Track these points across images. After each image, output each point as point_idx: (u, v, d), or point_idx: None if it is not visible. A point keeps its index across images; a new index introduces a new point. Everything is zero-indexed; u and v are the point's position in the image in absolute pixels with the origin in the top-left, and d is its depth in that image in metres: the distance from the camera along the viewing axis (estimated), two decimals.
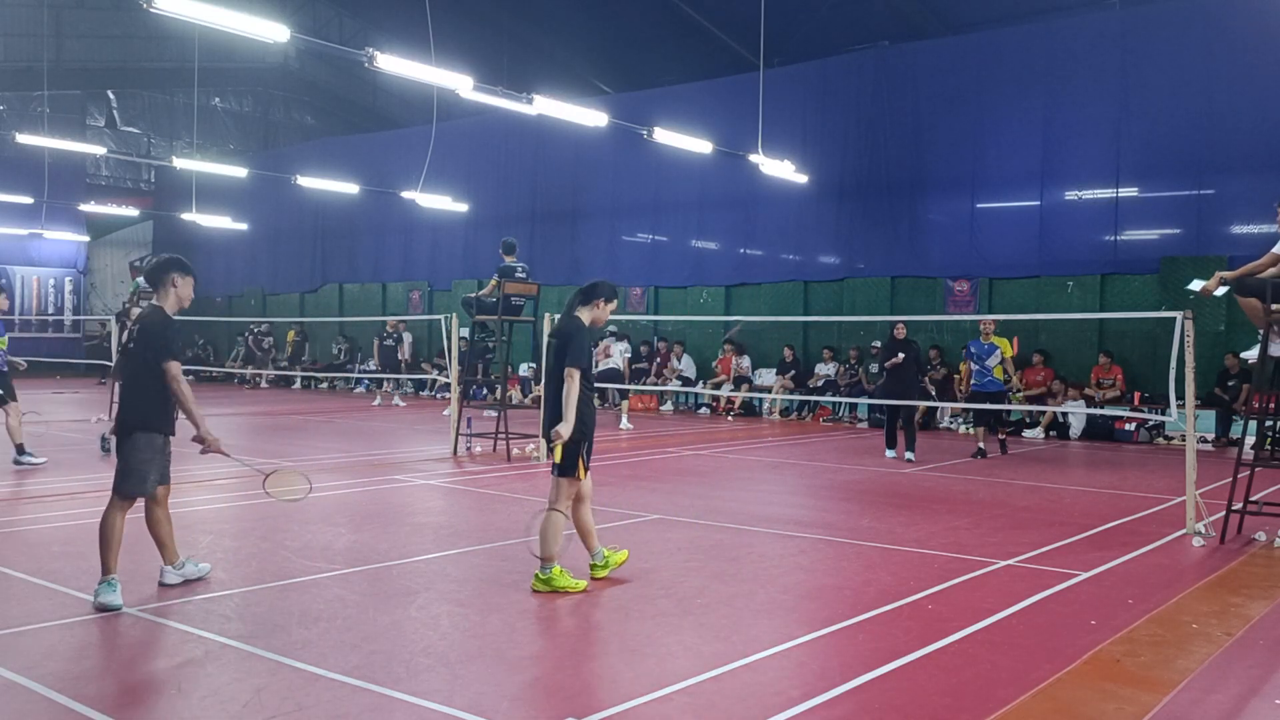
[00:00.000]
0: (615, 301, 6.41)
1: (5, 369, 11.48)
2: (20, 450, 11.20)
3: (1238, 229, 16.08)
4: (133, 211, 33.04)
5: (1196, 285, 8.32)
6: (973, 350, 13.42)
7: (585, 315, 6.24)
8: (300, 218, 30.50)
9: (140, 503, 5.91)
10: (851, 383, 19.08)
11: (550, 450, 5.99)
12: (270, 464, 11.63)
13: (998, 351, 13.08)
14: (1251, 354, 8.22)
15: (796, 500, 9.91)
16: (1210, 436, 15.32)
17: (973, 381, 13.37)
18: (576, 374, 5.98)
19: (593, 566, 6.35)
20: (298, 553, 6.94)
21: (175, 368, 5.62)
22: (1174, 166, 16.62)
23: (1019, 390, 15.84)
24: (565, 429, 5.88)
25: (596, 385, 7.02)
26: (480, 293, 13.07)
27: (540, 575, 6.01)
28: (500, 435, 12.64)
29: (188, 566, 6.08)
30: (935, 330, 18.58)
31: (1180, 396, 8.33)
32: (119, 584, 5.55)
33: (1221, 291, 8.35)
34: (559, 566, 6.03)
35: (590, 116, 14.49)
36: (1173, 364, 8.39)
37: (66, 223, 30.59)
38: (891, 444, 12.74)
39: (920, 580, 6.36)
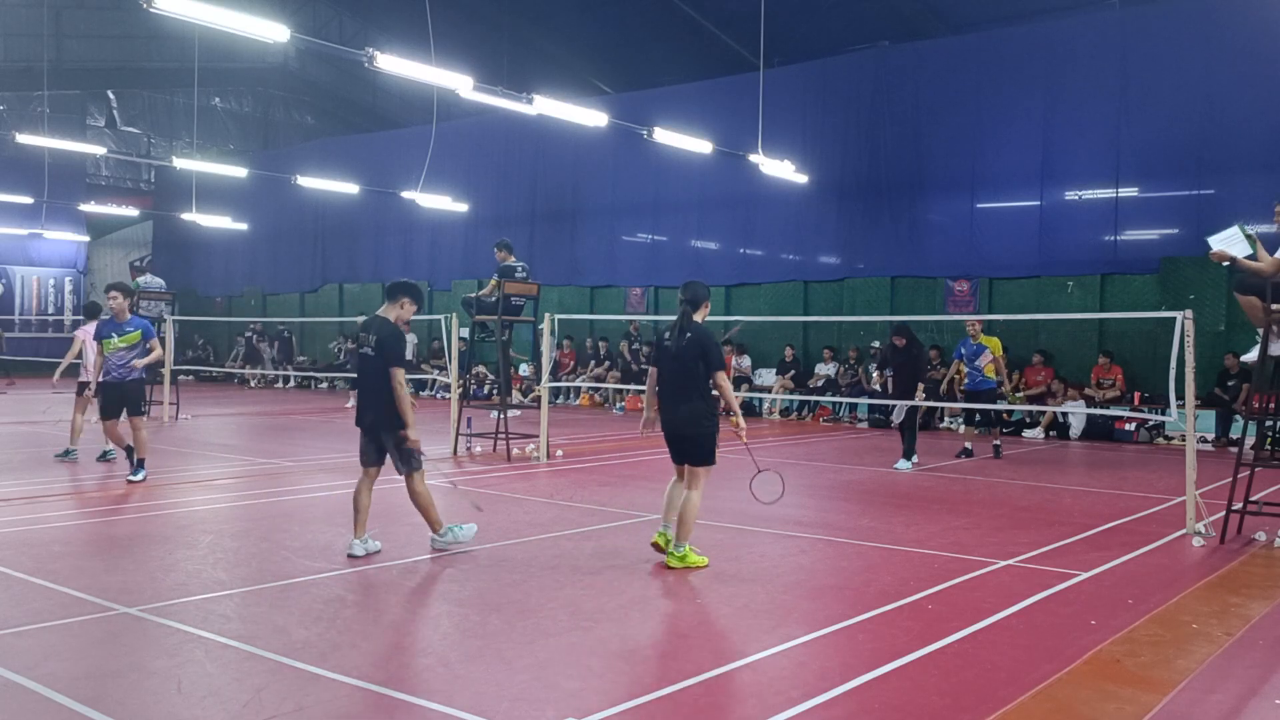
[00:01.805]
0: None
1: (117, 376, 10.20)
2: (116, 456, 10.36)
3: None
4: (133, 211, 33.00)
5: (1216, 243, 8.13)
6: (963, 351, 13.46)
7: (699, 318, 6.84)
8: (300, 218, 30.48)
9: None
10: (851, 383, 19.08)
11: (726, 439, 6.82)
12: (272, 464, 11.64)
13: (986, 351, 13.10)
14: (1251, 356, 8.21)
15: (797, 500, 9.90)
16: (1210, 436, 15.32)
17: (966, 382, 13.42)
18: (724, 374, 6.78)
19: (669, 553, 6.66)
20: (298, 553, 6.94)
21: (400, 374, 6.80)
22: (1174, 166, 16.62)
23: (1012, 391, 15.73)
24: (742, 419, 6.82)
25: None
26: (480, 293, 13.06)
27: (675, 553, 6.61)
28: (500, 435, 12.64)
29: (456, 531, 7.08)
30: (935, 330, 18.58)
31: (1180, 396, 8.32)
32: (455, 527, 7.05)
33: (1239, 255, 8.12)
34: (690, 545, 6.68)
35: (590, 116, 14.49)
36: (1173, 364, 8.37)
37: (66, 223, 30.56)
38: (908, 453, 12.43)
39: (920, 580, 6.36)
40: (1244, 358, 9.05)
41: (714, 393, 6.83)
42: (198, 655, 4.72)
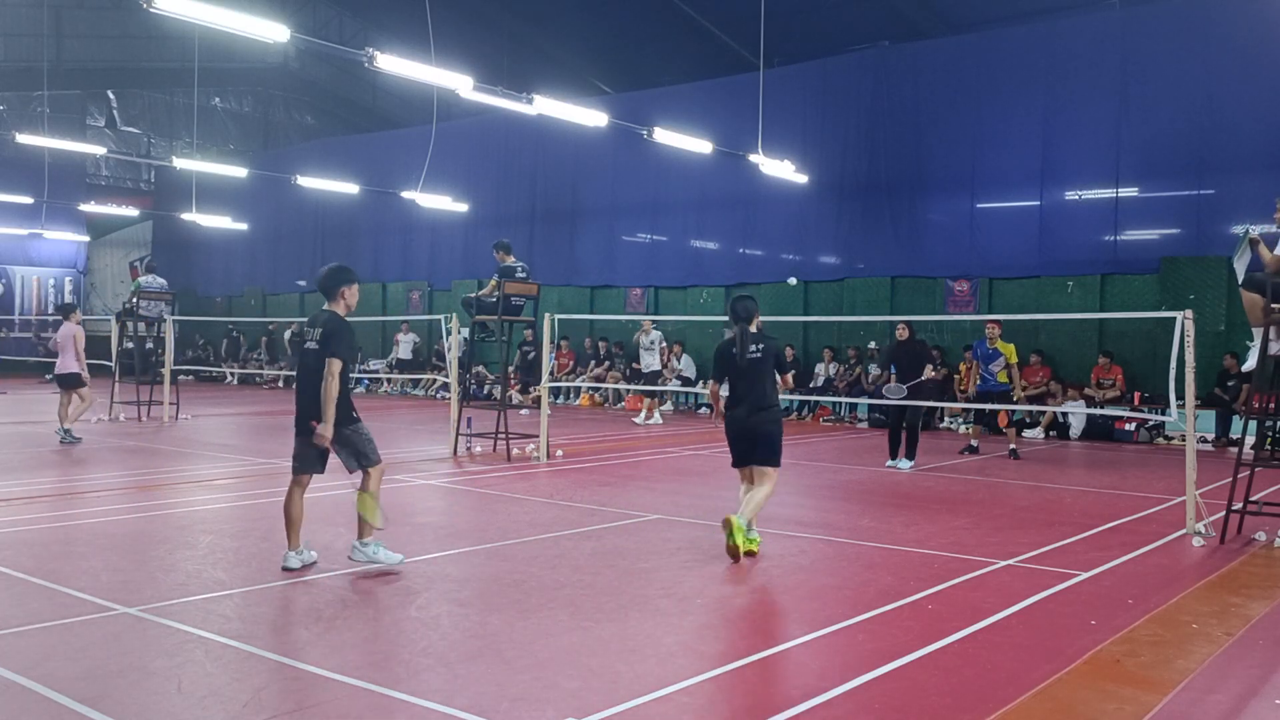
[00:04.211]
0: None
1: None
2: None
3: (1238, 229, 16.07)
4: (133, 211, 32.99)
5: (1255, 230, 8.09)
6: (978, 352, 13.50)
7: (754, 329, 7.56)
8: (300, 218, 30.49)
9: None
10: (851, 383, 19.08)
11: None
12: (272, 464, 11.63)
13: (1001, 358, 13.11)
14: (1251, 363, 8.19)
15: (796, 500, 9.90)
16: (1210, 436, 15.32)
17: (977, 384, 13.45)
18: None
19: (748, 539, 7.05)
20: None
21: (336, 365, 6.39)
22: (1174, 166, 16.62)
23: (1021, 394, 15.67)
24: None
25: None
26: (480, 293, 13.06)
27: (751, 537, 7.03)
28: (500, 435, 12.64)
29: (305, 553, 6.57)
30: (935, 330, 18.58)
31: (1180, 396, 8.32)
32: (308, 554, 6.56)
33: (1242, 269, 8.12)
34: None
35: (590, 116, 14.48)
36: (1173, 364, 8.37)
37: (66, 223, 30.55)
38: (895, 453, 12.41)
39: (920, 580, 6.36)
40: (1244, 367, 9.04)
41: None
42: (198, 655, 4.72)
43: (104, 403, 17.15)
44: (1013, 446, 13.57)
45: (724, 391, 7.74)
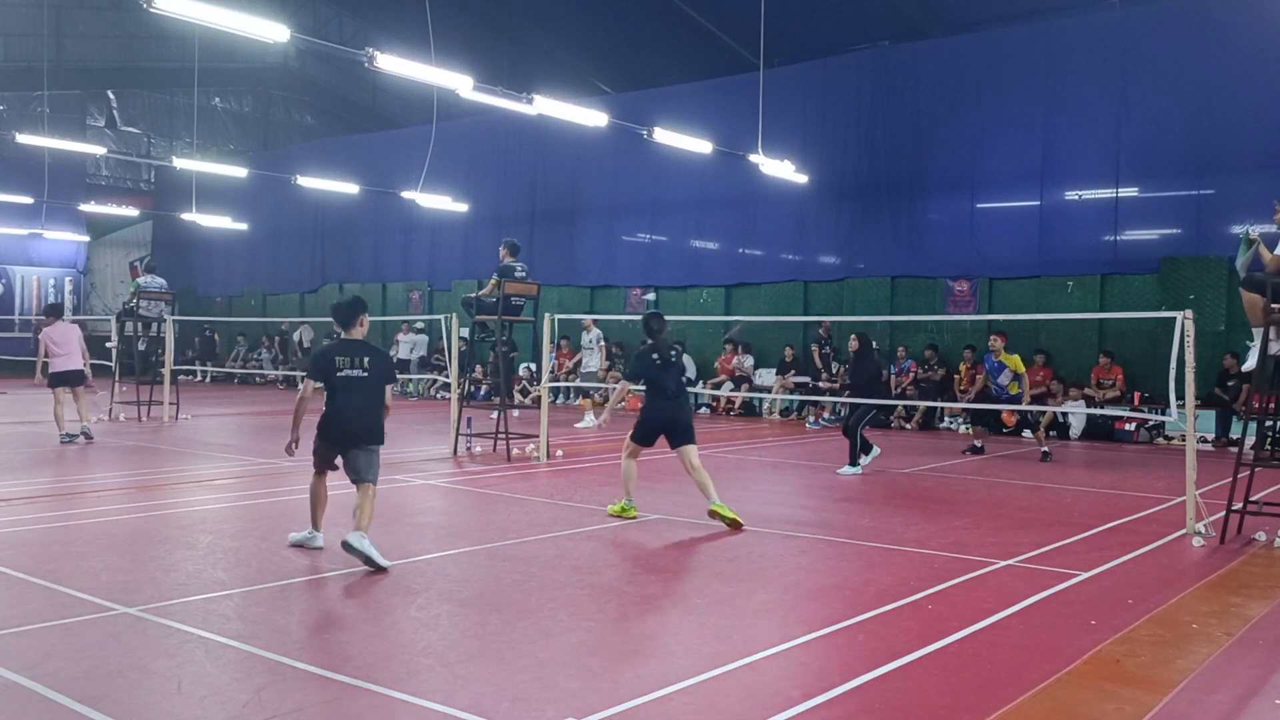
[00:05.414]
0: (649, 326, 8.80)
1: None
2: None
3: (1238, 229, 16.04)
4: (133, 211, 32.97)
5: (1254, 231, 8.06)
6: (987, 366, 13.48)
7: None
8: (300, 218, 30.48)
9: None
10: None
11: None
12: (272, 464, 11.63)
13: (1007, 370, 13.07)
14: (1251, 363, 8.19)
15: (796, 500, 9.91)
16: (1210, 436, 15.32)
17: (992, 392, 13.39)
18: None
19: (721, 507, 8.08)
20: (297, 553, 6.95)
21: (390, 391, 7.30)
22: (1174, 166, 16.61)
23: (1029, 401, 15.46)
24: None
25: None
26: (480, 293, 13.06)
27: (719, 505, 8.07)
28: (500, 435, 12.64)
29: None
30: (935, 330, 18.59)
31: (1180, 396, 8.32)
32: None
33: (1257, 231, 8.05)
34: (625, 503, 8.50)
35: (590, 116, 14.48)
36: (1173, 364, 8.37)
37: (66, 223, 30.54)
38: (865, 450, 12.00)
39: (920, 580, 6.36)
40: (1244, 367, 9.03)
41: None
42: (198, 655, 4.72)
43: (103, 399, 17.15)
44: (1045, 449, 13.50)
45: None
